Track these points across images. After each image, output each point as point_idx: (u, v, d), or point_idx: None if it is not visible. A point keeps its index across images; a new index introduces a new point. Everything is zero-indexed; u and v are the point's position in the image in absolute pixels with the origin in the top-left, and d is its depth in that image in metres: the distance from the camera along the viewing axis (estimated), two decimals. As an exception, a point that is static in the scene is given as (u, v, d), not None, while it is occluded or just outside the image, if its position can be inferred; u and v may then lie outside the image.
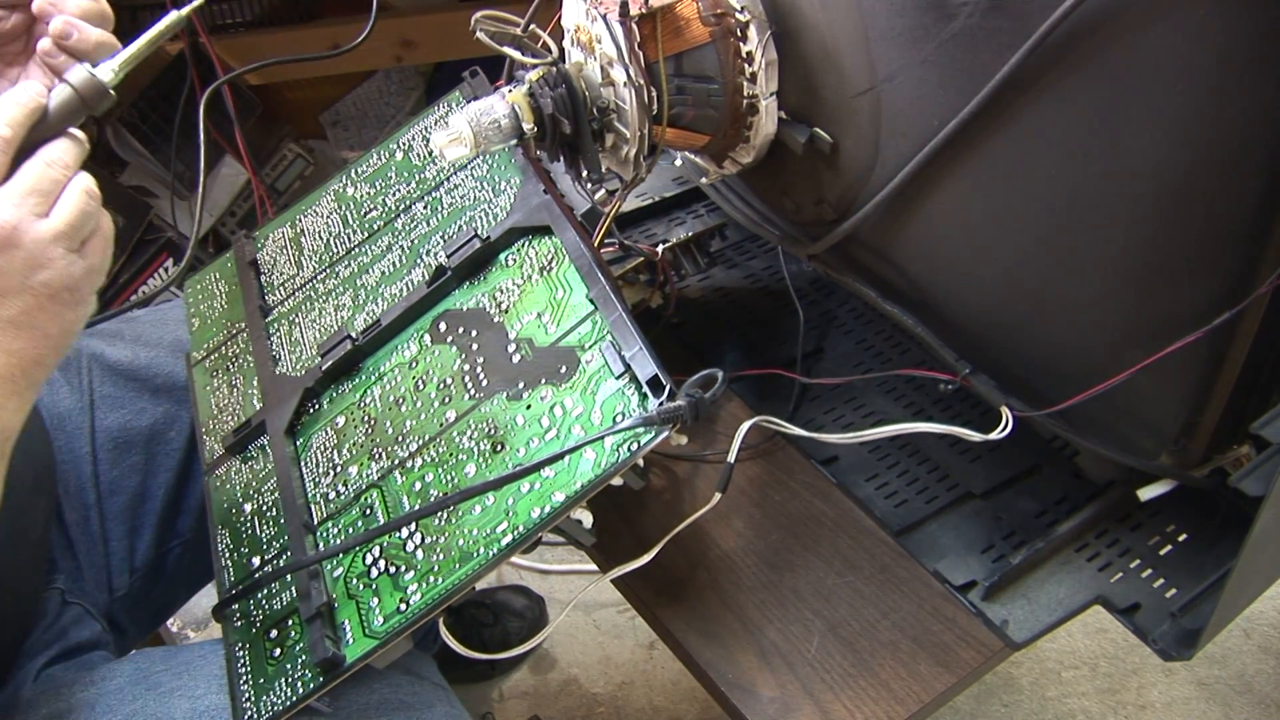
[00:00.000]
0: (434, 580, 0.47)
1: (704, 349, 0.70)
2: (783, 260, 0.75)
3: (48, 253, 0.43)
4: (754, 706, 0.51)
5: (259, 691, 0.48)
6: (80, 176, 0.45)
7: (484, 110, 0.52)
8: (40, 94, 0.45)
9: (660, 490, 0.61)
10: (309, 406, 0.59)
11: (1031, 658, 1.11)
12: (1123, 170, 0.43)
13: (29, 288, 0.43)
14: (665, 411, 0.45)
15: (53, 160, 0.45)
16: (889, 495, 0.60)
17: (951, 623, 0.54)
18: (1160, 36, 0.39)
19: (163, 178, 1.31)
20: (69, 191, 0.45)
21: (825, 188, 0.57)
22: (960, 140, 0.47)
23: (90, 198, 0.45)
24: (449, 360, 0.55)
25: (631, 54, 0.50)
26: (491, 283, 0.57)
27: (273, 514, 0.55)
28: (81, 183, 0.45)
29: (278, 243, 0.70)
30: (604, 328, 0.50)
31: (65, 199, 0.44)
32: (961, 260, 0.53)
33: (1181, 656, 0.51)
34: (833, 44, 0.50)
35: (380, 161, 0.70)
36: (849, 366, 0.68)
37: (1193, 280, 0.46)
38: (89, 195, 0.45)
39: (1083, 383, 0.49)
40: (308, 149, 1.50)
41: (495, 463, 0.49)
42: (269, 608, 0.51)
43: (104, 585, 0.63)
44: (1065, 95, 0.43)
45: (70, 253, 0.44)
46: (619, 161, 0.56)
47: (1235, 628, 1.13)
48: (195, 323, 0.69)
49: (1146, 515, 0.59)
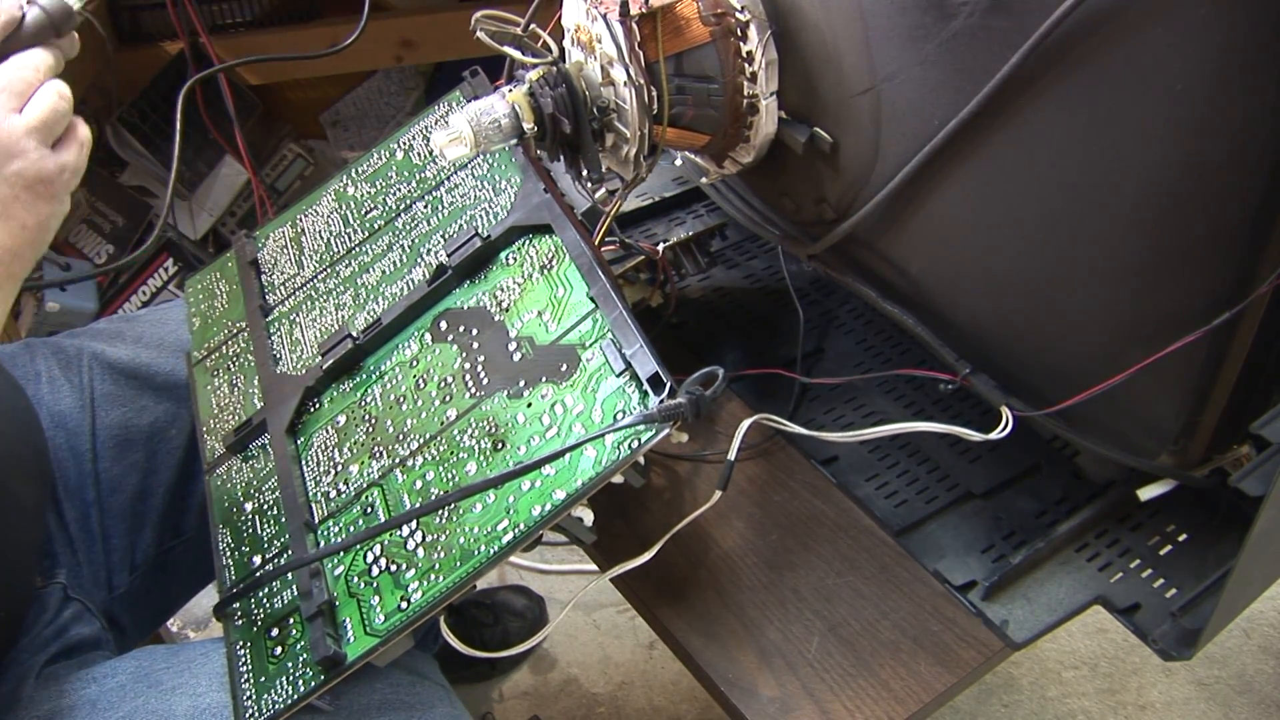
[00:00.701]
0: (435, 578, 0.47)
1: (704, 349, 0.70)
2: (783, 260, 0.75)
3: (20, 144, 0.46)
4: (754, 706, 0.51)
5: (260, 690, 0.48)
6: (54, 81, 0.48)
7: (484, 110, 0.52)
8: (14, 8, 0.48)
9: (660, 490, 0.61)
10: (310, 405, 0.59)
11: (1031, 658, 1.11)
12: (1123, 170, 0.43)
13: (4, 178, 0.45)
14: (666, 409, 0.45)
15: (24, 64, 0.47)
16: (889, 495, 0.60)
17: (951, 623, 0.54)
18: (1160, 36, 0.40)
19: (163, 178, 1.31)
20: (42, 91, 0.47)
21: (825, 187, 0.57)
22: (960, 140, 0.47)
23: (62, 99, 0.48)
24: (450, 359, 0.55)
25: (631, 54, 0.50)
26: (492, 281, 0.57)
27: (273, 513, 0.55)
28: (55, 85, 0.48)
29: (278, 242, 0.70)
30: (604, 326, 0.50)
31: (38, 97, 0.47)
32: (961, 260, 0.53)
33: (1181, 656, 0.51)
34: (833, 44, 0.50)
35: (381, 161, 0.70)
36: (849, 366, 0.68)
37: (1193, 280, 0.46)
38: (61, 96, 0.48)
39: (1083, 383, 0.49)
40: (308, 149, 1.50)
41: (496, 461, 0.50)
42: (270, 606, 0.51)
43: (103, 583, 0.63)
44: (1065, 95, 0.43)
45: (43, 146, 0.47)
46: (619, 161, 0.56)
47: (1235, 628, 1.13)
48: (196, 322, 0.69)
49: (1146, 515, 0.59)
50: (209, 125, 1.30)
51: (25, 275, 0.47)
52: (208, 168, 1.37)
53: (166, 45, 1.32)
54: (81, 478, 0.63)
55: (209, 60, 1.25)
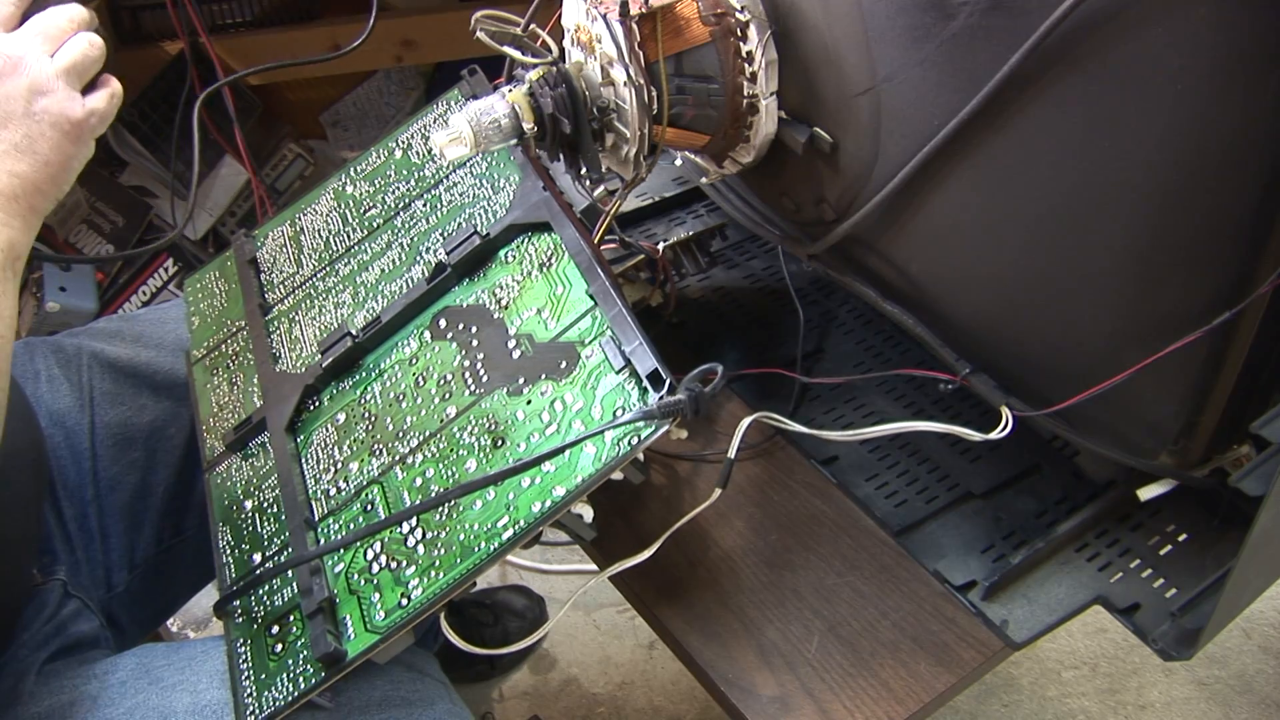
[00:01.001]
0: (435, 575, 0.47)
1: (704, 349, 0.70)
2: (783, 260, 0.75)
3: (50, 83, 0.48)
4: (754, 706, 0.51)
5: (261, 687, 0.48)
6: (86, 32, 0.51)
7: (484, 109, 0.52)
8: None
9: (660, 488, 0.62)
10: (309, 403, 0.59)
11: (1031, 658, 1.11)
12: (1122, 170, 0.43)
13: (31, 114, 0.47)
14: (665, 405, 0.45)
15: (59, 13, 0.50)
16: (889, 495, 0.60)
17: (951, 623, 0.54)
18: (1160, 36, 0.40)
19: (163, 178, 1.31)
20: (75, 38, 0.50)
21: (825, 187, 0.57)
22: (960, 140, 0.47)
23: (93, 47, 0.50)
24: (449, 356, 0.55)
25: (631, 54, 0.50)
26: (491, 279, 0.57)
27: (273, 510, 0.55)
28: (87, 35, 0.50)
29: (277, 241, 0.70)
30: (604, 323, 0.50)
31: (71, 43, 0.50)
32: (961, 260, 0.53)
33: (1181, 656, 0.51)
34: (833, 44, 0.50)
35: (380, 159, 0.70)
36: (849, 366, 0.68)
37: (1193, 280, 0.46)
38: (92, 44, 0.50)
39: (1083, 383, 0.49)
40: (308, 149, 1.50)
41: (496, 458, 0.50)
42: (270, 604, 0.51)
43: (103, 582, 0.63)
44: (1065, 95, 0.43)
45: (71, 88, 0.49)
46: (619, 161, 0.56)
47: (1235, 628, 1.13)
48: (195, 321, 0.69)
49: (1146, 515, 0.59)
50: (209, 125, 1.30)
51: (46, 212, 0.48)
52: (208, 168, 1.37)
53: (166, 45, 1.33)
54: (80, 476, 0.63)
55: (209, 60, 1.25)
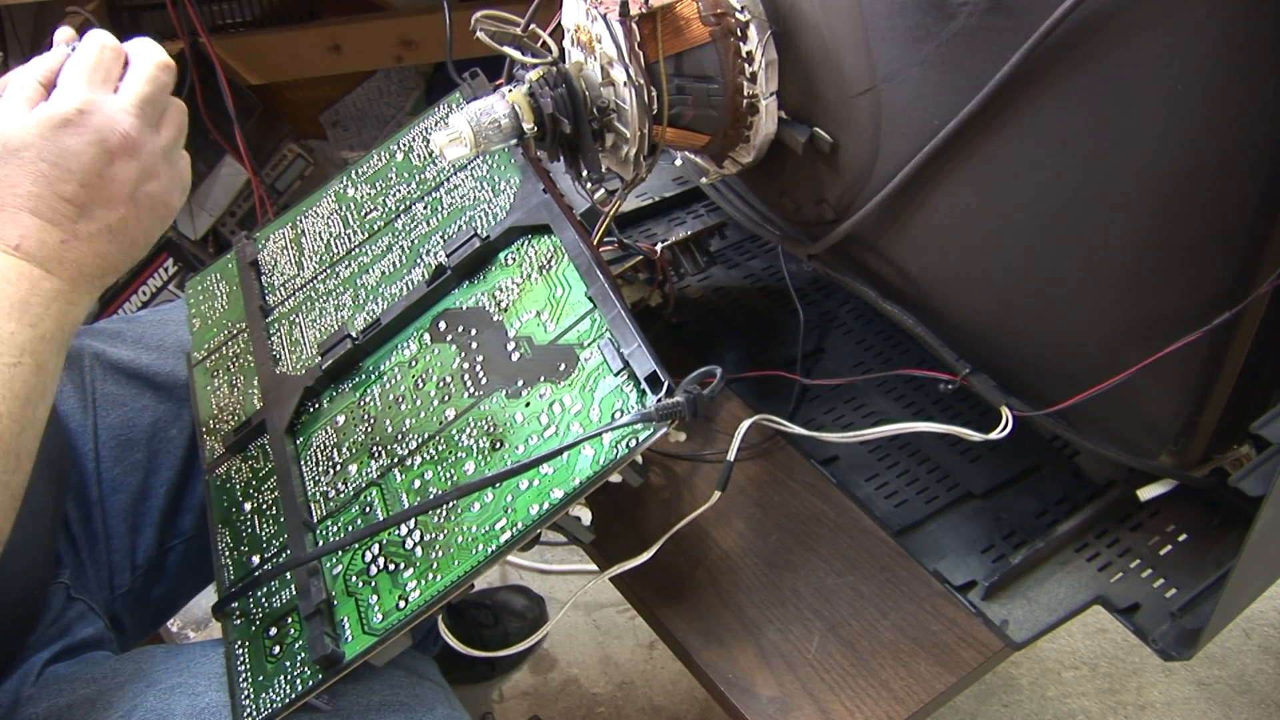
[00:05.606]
0: (433, 577, 0.47)
1: (704, 349, 0.70)
2: (783, 260, 0.75)
3: (158, 167, 0.45)
4: (754, 706, 0.51)
5: (259, 689, 0.48)
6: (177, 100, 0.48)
7: (484, 110, 0.52)
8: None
9: (659, 490, 0.61)
10: (309, 405, 0.59)
11: (1031, 658, 1.11)
12: (1122, 170, 0.43)
13: (135, 198, 0.44)
14: (664, 408, 0.45)
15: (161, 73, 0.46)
16: (889, 495, 0.60)
17: (951, 623, 0.54)
18: (1160, 36, 0.40)
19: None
20: (172, 109, 0.46)
21: (825, 187, 0.57)
22: (960, 140, 0.47)
23: (183, 115, 0.47)
24: (448, 359, 0.55)
25: (631, 54, 0.50)
26: (491, 282, 0.57)
27: (272, 512, 0.55)
28: (178, 103, 0.47)
29: (278, 243, 0.70)
30: (603, 325, 0.50)
31: (170, 115, 0.46)
32: (962, 260, 0.53)
33: (1181, 656, 0.51)
34: (833, 44, 0.50)
35: (380, 162, 0.70)
36: (849, 366, 0.68)
37: (1192, 280, 0.46)
38: (182, 113, 0.47)
39: (1083, 383, 0.49)
40: (308, 149, 1.50)
41: (494, 460, 0.49)
42: (268, 605, 0.51)
43: (105, 583, 0.63)
44: (1065, 95, 0.43)
45: (173, 168, 0.46)
46: (619, 161, 0.56)
47: (1235, 628, 1.13)
48: (196, 323, 0.69)
49: (1146, 515, 0.59)
50: (209, 125, 1.30)
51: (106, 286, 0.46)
52: (208, 168, 1.36)
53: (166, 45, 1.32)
54: (83, 478, 0.63)
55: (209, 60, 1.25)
